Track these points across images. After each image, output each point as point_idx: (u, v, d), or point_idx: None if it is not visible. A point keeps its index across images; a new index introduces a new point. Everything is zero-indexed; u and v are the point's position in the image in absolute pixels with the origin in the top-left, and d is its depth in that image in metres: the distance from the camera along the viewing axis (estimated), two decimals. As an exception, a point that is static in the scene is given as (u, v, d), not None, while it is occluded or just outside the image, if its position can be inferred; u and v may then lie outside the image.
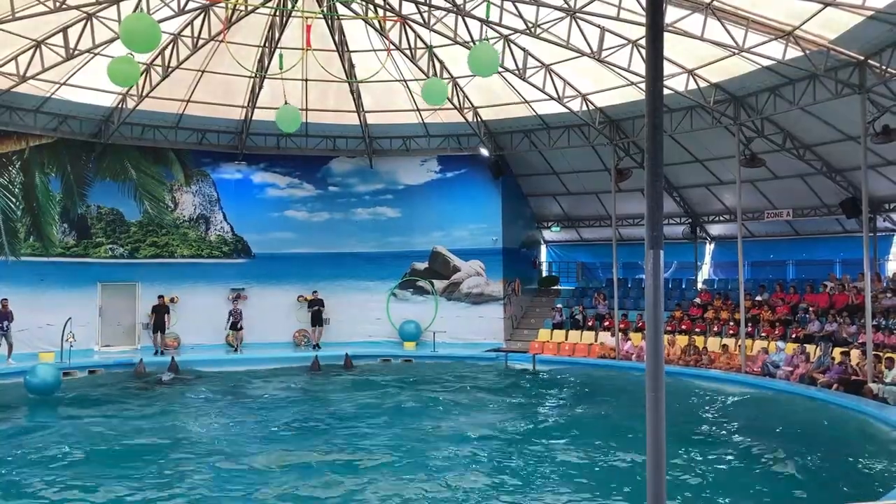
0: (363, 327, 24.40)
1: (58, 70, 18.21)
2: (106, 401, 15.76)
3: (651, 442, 4.04)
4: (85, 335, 20.68)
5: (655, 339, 4.13)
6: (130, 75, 12.96)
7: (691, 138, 20.99)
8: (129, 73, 12.73)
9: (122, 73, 12.50)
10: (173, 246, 23.95)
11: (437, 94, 14.18)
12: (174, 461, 10.84)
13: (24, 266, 20.90)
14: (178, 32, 18.42)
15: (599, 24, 16.24)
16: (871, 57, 14.67)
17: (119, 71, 12.37)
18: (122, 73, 12.54)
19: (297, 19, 18.54)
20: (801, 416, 14.27)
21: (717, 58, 16.58)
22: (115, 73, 12.37)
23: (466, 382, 18.33)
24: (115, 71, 12.32)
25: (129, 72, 12.65)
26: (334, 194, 25.75)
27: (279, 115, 14.75)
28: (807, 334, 18.08)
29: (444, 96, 14.61)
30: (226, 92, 21.95)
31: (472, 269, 25.19)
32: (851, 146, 17.71)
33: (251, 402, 15.86)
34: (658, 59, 4.31)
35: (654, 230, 4.13)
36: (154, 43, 11.35)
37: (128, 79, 13.29)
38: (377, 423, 13.69)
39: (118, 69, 12.32)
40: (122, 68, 12.36)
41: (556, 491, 9.48)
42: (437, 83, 14.65)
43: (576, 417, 14.26)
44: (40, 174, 21.42)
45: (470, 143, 24.55)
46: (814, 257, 23.30)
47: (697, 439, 12.24)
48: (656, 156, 4.21)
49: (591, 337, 22.39)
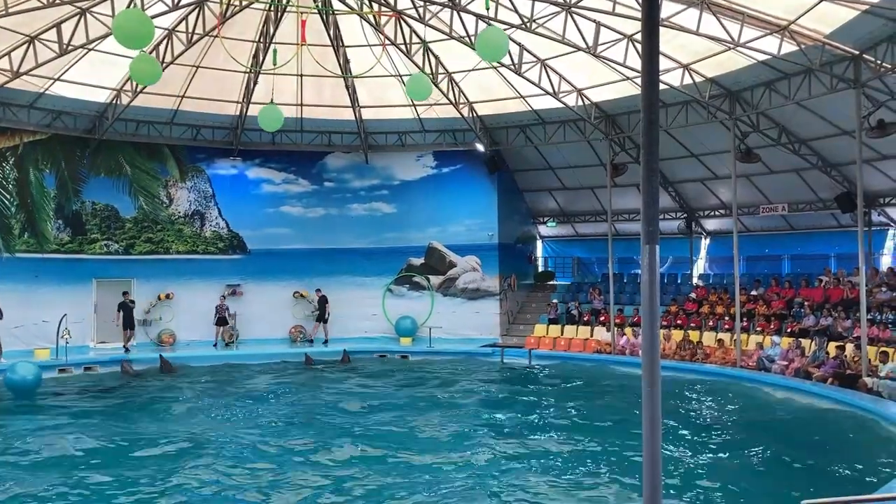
0: (359, 323, 24.39)
1: (51, 66, 18.16)
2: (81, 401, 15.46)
3: (647, 436, 4.05)
4: (80, 331, 20.64)
5: (651, 334, 4.13)
6: (153, 74, 12.99)
7: (687, 133, 21.01)
8: (152, 71, 12.81)
9: (144, 72, 12.63)
10: (168, 242, 23.91)
11: (422, 90, 14.15)
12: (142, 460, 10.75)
13: (18, 262, 20.86)
14: (172, 28, 18.36)
15: (595, 18, 16.24)
16: (866, 51, 14.71)
17: (141, 70, 12.46)
18: (144, 73, 12.69)
19: (291, 14, 18.50)
20: (796, 411, 14.34)
21: (712, 52, 16.61)
22: (138, 72, 12.47)
23: (462, 378, 18.35)
24: (137, 70, 12.40)
25: (151, 70, 12.73)
26: (330, 190, 25.72)
27: (261, 114, 14.75)
28: (802, 329, 18.15)
29: (428, 92, 14.58)
30: (220, 87, 21.92)
31: (468, 265, 25.20)
32: (846, 141, 17.75)
33: (244, 398, 15.78)
34: (654, 53, 4.31)
35: (649, 225, 4.14)
36: (147, 39, 11.37)
37: (151, 77, 13.29)
38: (373, 418, 13.69)
39: (141, 68, 12.41)
40: (144, 67, 12.46)
41: (551, 484, 9.49)
42: (421, 79, 14.62)
43: (571, 412, 14.27)
44: (34, 170, 21.36)
45: (465, 138, 24.52)
46: (809, 252, 23.37)
47: (690, 432, 12.27)
48: (652, 151, 4.22)
49: (586, 332, 22.42)
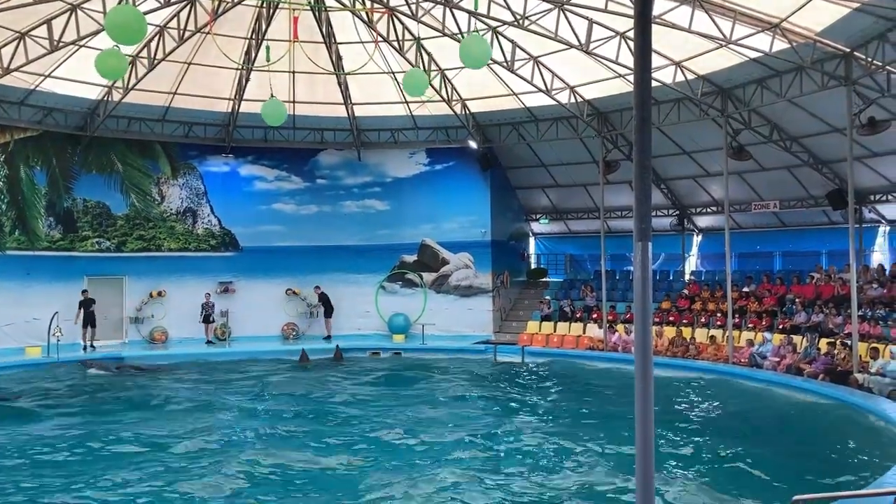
0: (352, 320, 24.40)
1: (42, 62, 18.03)
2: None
3: (640, 431, 4.07)
4: (72, 329, 20.57)
5: (644, 330, 4.15)
6: (118, 69, 12.93)
7: (679, 130, 21.06)
8: (117, 66, 12.70)
9: (109, 66, 12.47)
10: (160, 239, 23.84)
11: (418, 85, 14.16)
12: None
13: (9, 260, 20.75)
14: (163, 24, 18.28)
15: (587, 16, 16.24)
16: (857, 49, 14.76)
17: (106, 64, 12.33)
18: (109, 67, 12.52)
19: (284, 11, 18.43)
20: (787, 407, 14.41)
21: (704, 50, 16.64)
22: (103, 66, 12.33)
23: (456, 375, 18.36)
24: (102, 64, 12.28)
25: (116, 65, 12.62)
26: (322, 187, 25.68)
27: (265, 109, 14.72)
28: (793, 325, 18.22)
29: (424, 87, 14.59)
30: (212, 84, 21.82)
31: (460, 262, 25.21)
32: (838, 138, 17.82)
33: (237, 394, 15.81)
34: (646, 51, 4.32)
35: (642, 222, 4.16)
36: (139, 35, 11.34)
37: (115, 72, 13.27)
38: (365, 414, 13.69)
39: (105, 62, 12.28)
40: (109, 62, 12.32)
41: (543, 479, 9.52)
42: (418, 74, 14.63)
43: (563, 408, 14.32)
44: (25, 167, 21.25)
45: (458, 135, 24.51)
46: (800, 249, 23.44)
47: (682, 428, 12.32)
48: (644, 148, 4.23)
49: (579, 329, 22.46)
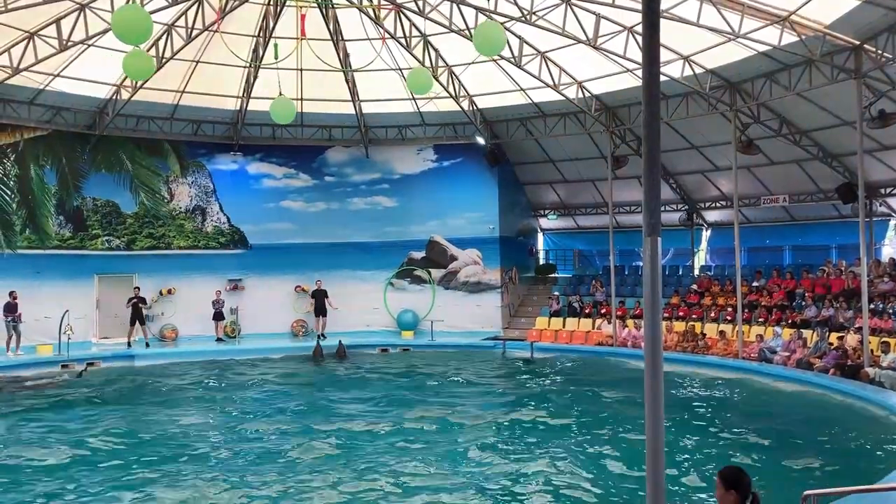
0: (361, 317, 24.39)
1: (51, 62, 18.12)
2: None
3: (650, 427, 4.06)
4: (82, 327, 20.68)
5: (653, 325, 4.13)
6: (146, 69, 13.07)
7: (687, 125, 20.97)
8: (145, 66, 12.86)
9: (137, 68, 12.68)
10: (170, 237, 23.91)
11: (422, 84, 14.15)
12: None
13: (20, 259, 20.85)
14: (171, 23, 18.32)
15: (595, 10, 16.19)
16: (866, 42, 14.66)
17: (134, 66, 12.51)
18: (137, 68, 12.75)
19: (291, 8, 18.44)
20: (798, 401, 14.36)
21: (712, 44, 16.55)
22: (131, 68, 12.50)
23: (466, 371, 18.37)
24: (130, 67, 12.46)
25: (143, 66, 12.81)
26: (330, 184, 25.69)
27: (274, 107, 14.74)
28: (803, 319, 18.15)
29: (429, 86, 14.57)
30: (220, 82, 21.86)
31: (469, 258, 25.20)
32: (847, 131, 17.71)
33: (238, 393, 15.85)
34: (654, 45, 4.30)
35: (651, 217, 4.13)
36: (146, 34, 11.40)
37: (144, 72, 13.40)
38: (373, 410, 13.73)
39: (133, 64, 12.46)
40: (136, 63, 12.50)
41: (553, 473, 9.52)
42: (422, 73, 14.60)
43: (573, 403, 14.31)
44: (35, 167, 21.34)
45: (466, 131, 24.49)
46: (810, 243, 23.33)
47: (693, 424, 12.29)
48: (653, 143, 4.21)
49: (588, 324, 22.44)
